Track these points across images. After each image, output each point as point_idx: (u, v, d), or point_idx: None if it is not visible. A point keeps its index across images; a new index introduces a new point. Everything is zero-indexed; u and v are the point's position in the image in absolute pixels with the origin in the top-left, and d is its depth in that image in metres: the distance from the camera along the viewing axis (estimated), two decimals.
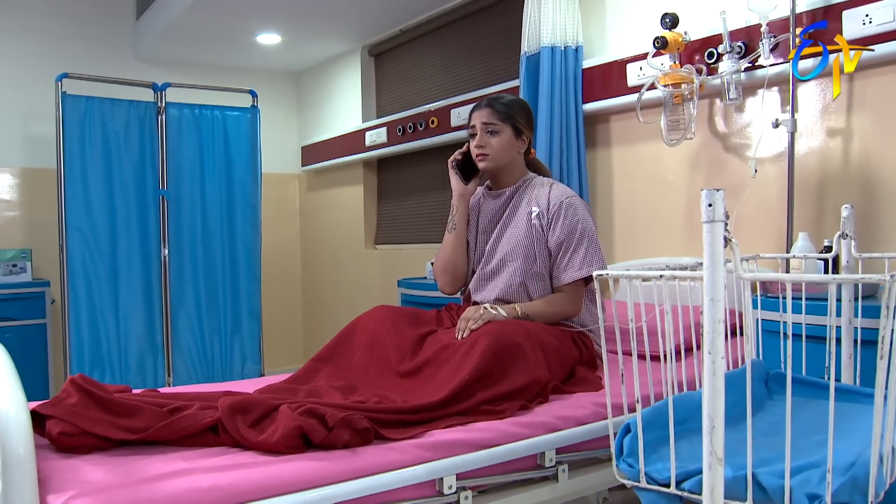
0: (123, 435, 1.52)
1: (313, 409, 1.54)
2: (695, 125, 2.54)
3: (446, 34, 4.03)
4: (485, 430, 1.66)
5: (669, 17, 2.47)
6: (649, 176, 2.87)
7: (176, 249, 3.85)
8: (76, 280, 3.56)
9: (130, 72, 4.45)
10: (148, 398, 1.66)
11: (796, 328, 1.81)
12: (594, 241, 2.13)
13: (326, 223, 5.18)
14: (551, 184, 2.22)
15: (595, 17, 3.04)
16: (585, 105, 3.00)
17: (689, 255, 2.66)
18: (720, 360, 0.99)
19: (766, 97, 2.40)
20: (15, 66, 4.20)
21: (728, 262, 1.04)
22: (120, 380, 3.68)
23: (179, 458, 1.48)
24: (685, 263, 1.93)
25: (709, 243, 1.01)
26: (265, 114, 5.11)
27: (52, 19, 4.37)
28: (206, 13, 3.90)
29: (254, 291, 4.09)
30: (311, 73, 5.24)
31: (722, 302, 1.00)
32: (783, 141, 2.34)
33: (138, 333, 3.74)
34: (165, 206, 3.80)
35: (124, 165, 3.68)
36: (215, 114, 3.96)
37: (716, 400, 0.98)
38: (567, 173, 2.98)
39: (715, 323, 0.99)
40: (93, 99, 3.59)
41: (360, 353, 2.13)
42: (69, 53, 4.37)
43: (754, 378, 1.66)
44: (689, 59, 2.56)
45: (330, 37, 4.50)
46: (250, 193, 4.06)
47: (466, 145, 2.27)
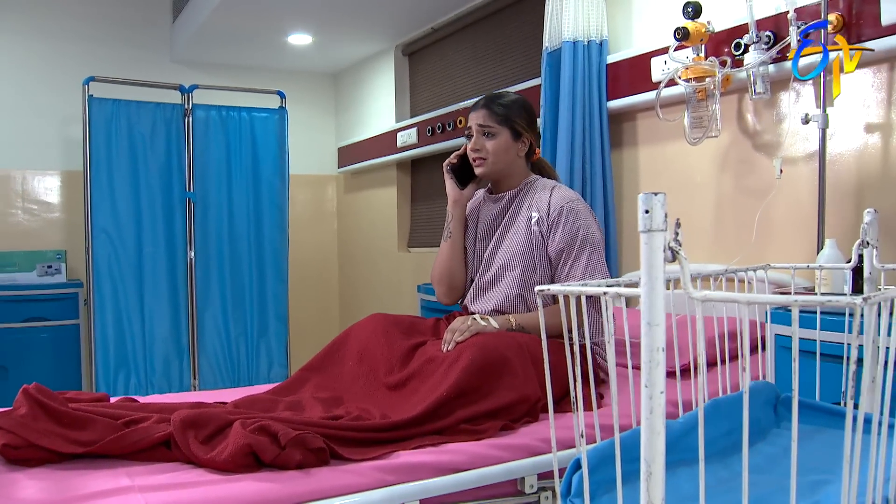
0: (72, 448, 1.46)
1: (266, 426, 1.45)
2: (721, 122, 2.35)
3: (477, 31, 3.91)
4: (456, 452, 1.53)
5: (692, 5, 2.29)
6: (677, 177, 2.68)
7: (202, 252, 3.83)
8: (102, 282, 3.57)
9: (167, 74, 4.48)
10: (107, 409, 1.59)
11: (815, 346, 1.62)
12: (597, 248, 1.98)
13: (362, 225, 5.11)
14: (553, 187, 2.07)
15: (621, 8, 2.87)
16: (610, 102, 2.83)
17: (716, 262, 2.46)
18: (658, 394, 0.84)
19: (794, 91, 2.20)
20: (55, 69, 4.27)
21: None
22: (145, 382, 3.68)
23: (125, 473, 1.41)
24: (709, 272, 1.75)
25: (646, 257, 0.86)
26: (303, 115, 5.11)
27: (92, 23, 4.43)
28: (237, 14, 3.88)
29: (281, 294, 4.05)
30: (349, 73, 5.19)
31: (661, 326, 0.85)
32: (815, 139, 2.13)
33: (164, 336, 3.73)
34: (192, 209, 3.79)
35: (151, 168, 3.68)
36: (242, 115, 3.93)
37: (654, 442, 0.84)
38: (591, 175, 2.82)
39: (653, 351, 0.84)
40: (119, 102, 3.60)
41: (351, 363, 2.03)
42: (108, 57, 4.42)
43: (759, 402, 1.49)
44: (715, 52, 2.37)
45: (362, 36, 4.43)
46: (278, 195, 4.02)
47: (464, 147, 2.14)
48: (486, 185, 2.24)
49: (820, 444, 1.39)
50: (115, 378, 3.60)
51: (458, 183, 2.16)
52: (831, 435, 1.47)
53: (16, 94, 4.26)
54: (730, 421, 1.40)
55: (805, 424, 1.49)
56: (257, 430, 1.44)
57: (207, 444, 1.46)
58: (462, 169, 2.15)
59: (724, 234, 2.51)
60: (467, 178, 2.16)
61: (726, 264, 2.26)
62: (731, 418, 1.41)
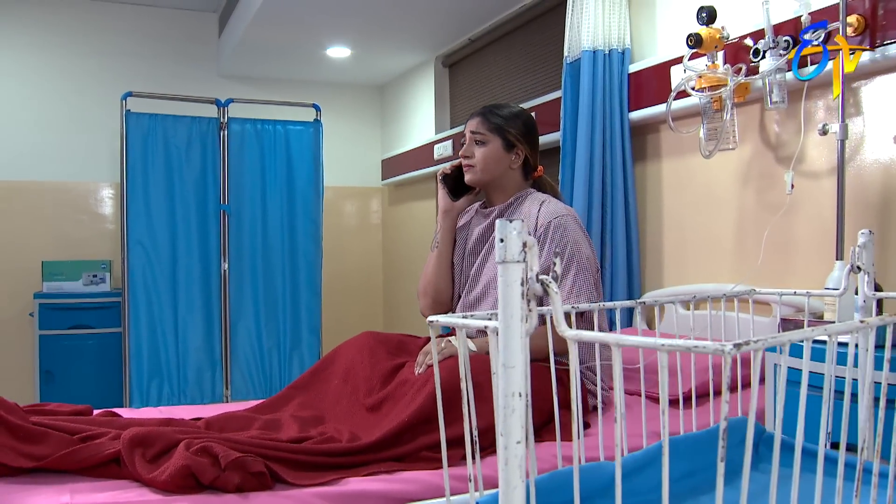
0: (23, 462, 1.45)
1: (208, 447, 1.41)
2: (738, 133, 2.21)
3: (512, 41, 3.83)
4: (409, 480, 1.46)
5: (706, 10, 2.16)
6: (699, 192, 2.54)
7: (236, 263, 3.87)
8: (137, 292, 3.65)
9: (215, 89, 4.57)
10: (67, 424, 1.59)
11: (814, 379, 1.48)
12: (584, 266, 1.87)
13: (406, 237, 5.09)
14: (543, 201, 1.97)
15: (645, 15, 2.75)
16: (633, 113, 2.71)
17: (737, 281, 2.31)
18: (514, 444, 0.75)
19: (810, 100, 2.04)
20: (106, 85, 4.40)
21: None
22: (178, 391, 3.74)
23: (70, 490, 1.40)
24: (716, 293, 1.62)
25: (502, 291, 0.77)
26: (348, 127, 5.15)
27: (139, 40, 4.58)
28: (274, 28, 3.93)
29: (314, 306, 4.05)
30: (393, 85, 5.19)
31: (519, 368, 0.76)
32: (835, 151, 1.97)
33: (197, 346, 3.78)
34: (226, 221, 3.84)
35: (186, 180, 3.75)
36: (277, 128, 3.96)
37: (510, 497, 0.75)
38: (611, 189, 2.70)
39: (508, 397, 0.76)
40: (156, 116, 3.68)
41: (336, 382, 1.99)
42: (156, 73, 4.55)
43: (735, 441, 1.36)
44: (735, 60, 2.23)
45: (401, 49, 4.42)
46: (312, 207, 4.03)
47: (460, 155, 2.08)
48: (483, 198, 2.16)
49: (802, 489, 1.25)
50: (149, 387, 3.66)
51: (450, 193, 2.10)
52: (813, 479, 1.32)
53: (69, 109, 4.43)
54: (690, 461, 1.28)
55: (786, 468, 1.35)
56: (199, 452, 1.40)
57: (153, 463, 1.44)
58: (457, 180, 2.09)
59: (746, 252, 2.35)
60: (462, 190, 2.10)
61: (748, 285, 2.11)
62: (691, 458, 1.28)
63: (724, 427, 0.75)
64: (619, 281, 2.70)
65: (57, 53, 4.44)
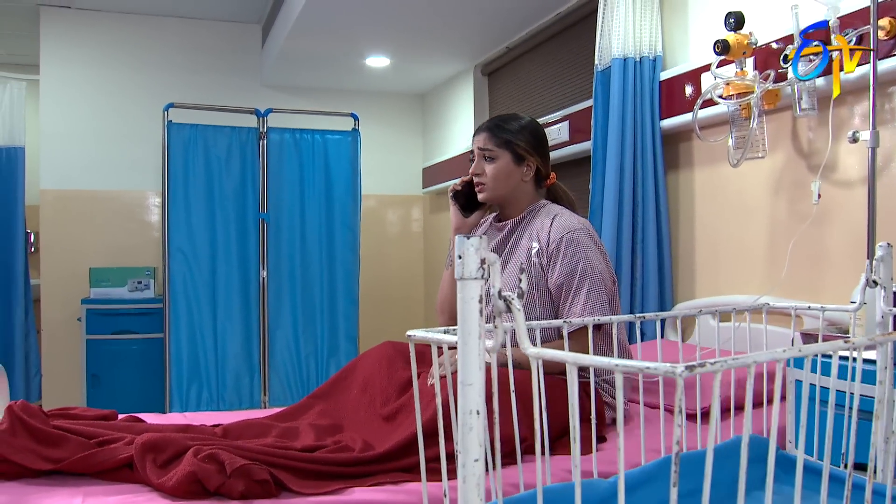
0: (41, 464, 1.50)
1: (215, 454, 1.43)
2: (768, 142, 2.15)
3: (549, 49, 3.81)
4: (414, 492, 1.46)
5: (734, 15, 2.11)
6: (732, 201, 2.48)
7: (275, 271, 3.93)
8: (177, 298, 3.74)
9: (259, 99, 4.66)
10: (86, 428, 1.63)
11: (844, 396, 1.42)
12: (597, 281, 1.83)
13: (446, 245, 5.09)
14: (556, 215, 1.94)
15: (678, 21, 2.70)
16: (665, 121, 2.67)
17: (768, 293, 2.24)
18: (472, 462, 0.74)
19: (843, 106, 1.97)
20: (157, 94, 4.50)
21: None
22: (216, 396, 3.81)
23: (83, 493, 1.44)
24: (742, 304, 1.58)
25: (460, 308, 0.77)
26: (390, 136, 5.19)
27: (189, 53, 4.71)
28: (312, 39, 3.99)
29: (352, 314, 4.08)
30: (434, 93, 5.22)
31: (476, 385, 0.75)
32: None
33: (235, 352, 3.85)
34: (265, 229, 3.90)
35: (226, 190, 3.83)
36: (316, 137, 4.02)
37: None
38: (642, 199, 2.66)
39: (465, 414, 0.75)
40: (196, 126, 3.77)
41: (356, 391, 2.00)
42: (201, 83, 4.67)
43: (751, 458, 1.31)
44: (765, 66, 2.17)
45: (440, 57, 4.44)
46: (350, 216, 4.07)
47: (470, 173, 2.07)
48: (496, 211, 2.15)
49: None
50: (188, 391, 3.74)
51: (462, 210, 2.09)
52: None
53: (120, 120, 4.57)
54: (694, 480, 1.24)
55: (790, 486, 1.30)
56: (206, 459, 1.43)
57: (164, 469, 1.47)
58: (468, 195, 2.08)
59: (778, 263, 2.28)
60: (473, 205, 2.08)
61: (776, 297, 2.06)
62: (695, 477, 1.25)
63: (677, 456, 0.73)
64: (651, 292, 2.65)
65: (109, 66, 4.58)
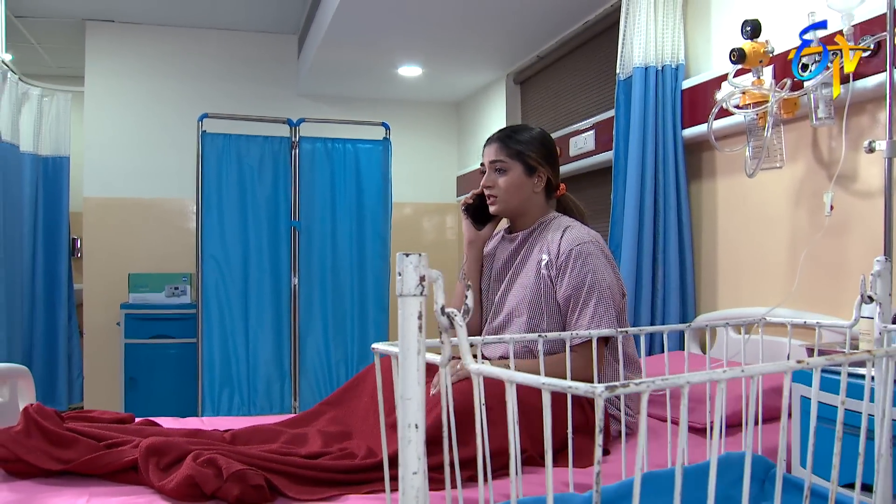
0: (51, 464, 1.56)
1: (214, 459, 1.47)
2: (786, 151, 2.11)
3: (578, 57, 3.80)
4: None
5: (750, 24, 2.08)
6: (753, 211, 2.44)
7: (306, 279, 3.99)
8: (210, 304, 3.82)
9: (295, 108, 4.75)
10: (97, 431, 1.69)
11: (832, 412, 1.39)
12: (605, 294, 1.81)
13: None
14: (566, 227, 1.93)
15: (701, 29, 2.67)
16: (687, 130, 2.64)
17: (788, 306, 2.20)
18: (411, 476, 0.75)
19: (861, 115, 1.93)
20: (195, 104, 4.61)
21: None
22: (248, 401, 3.87)
23: (88, 493, 1.49)
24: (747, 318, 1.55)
25: (401, 323, 0.78)
26: (424, 144, 5.23)
27: (227, 63, 4.83)
28: (344, 49, 4.06)
29: (382, 322, 4.12)
30: (468, 102, 5.24)
31: (415, 400, 0.76)
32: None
33: (266, 358, 3.92)
34: (296, 237, 3.97)
35: (258, 198, 3.90)
36: (347, 147, 4.07)
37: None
38: (664, 209, 2.63)
39: (405, 428, 0.76)
40: (230, 136, 3.86)
41: (367, 399, 2.03)
42: (238, 93, 4.78)
43: (730, 478, 1.30)
44: (783, 75, 2.13)
45: (472, 66, 4.46)
46: (381, 225, 4.11)
47: (481, 185, 2.08)
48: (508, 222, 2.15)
49: None
50: (220, 396, 3.82)
51: (474, 223, 2.10)
52: None
53: (160, 130, 4.71)
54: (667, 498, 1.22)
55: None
56: (205, 463, 1.46)
57: (166, 472, 1.51)
58: (480, 208, 2.08)
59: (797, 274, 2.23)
60: (486, 218, 2.09)
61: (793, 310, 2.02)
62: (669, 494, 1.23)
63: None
64: (672, 303, 2.62)
65: (151, 78, 4.72)
